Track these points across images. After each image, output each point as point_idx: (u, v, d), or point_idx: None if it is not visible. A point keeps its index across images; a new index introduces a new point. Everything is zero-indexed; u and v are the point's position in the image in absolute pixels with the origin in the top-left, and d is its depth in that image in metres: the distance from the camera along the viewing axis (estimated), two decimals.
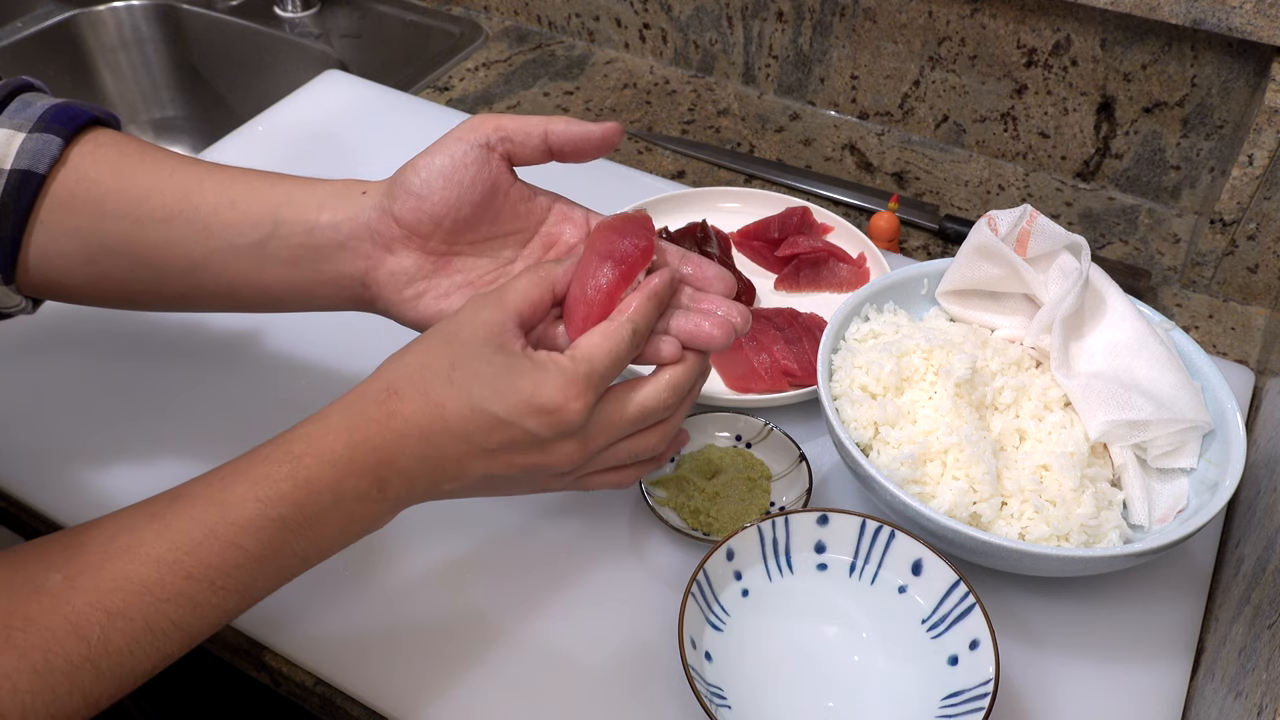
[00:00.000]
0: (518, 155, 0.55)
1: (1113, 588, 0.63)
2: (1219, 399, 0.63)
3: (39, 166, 0.54)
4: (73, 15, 1.22)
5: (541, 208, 0.57)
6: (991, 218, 0.68)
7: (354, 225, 0.55)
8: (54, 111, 0.55)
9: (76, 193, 0.54)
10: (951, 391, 0.62)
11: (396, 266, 0.55)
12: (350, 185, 0.56)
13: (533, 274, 0.52)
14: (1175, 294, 0.88)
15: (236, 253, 0.55)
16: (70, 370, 0.74)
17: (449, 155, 0.54)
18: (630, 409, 0.51)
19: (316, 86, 1.04)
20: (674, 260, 0.55)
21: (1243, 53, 0.84)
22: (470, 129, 0.54)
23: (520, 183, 0.56)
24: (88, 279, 0.56)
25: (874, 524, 0.58)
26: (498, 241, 0.57)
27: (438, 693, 0.57)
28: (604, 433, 0.51)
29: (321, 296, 0.57)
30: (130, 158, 0.56)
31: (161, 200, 0.55)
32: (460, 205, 0.54)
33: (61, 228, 0.55)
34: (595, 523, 0.65)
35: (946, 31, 0.95)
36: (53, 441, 0.69)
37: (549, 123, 0.55)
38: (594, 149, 0.55)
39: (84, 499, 0.66)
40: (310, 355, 0.76)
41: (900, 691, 0.56)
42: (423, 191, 0.54)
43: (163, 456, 0.68)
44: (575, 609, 0.61)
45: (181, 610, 0.44)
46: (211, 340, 0.76)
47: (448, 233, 0.55)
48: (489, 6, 1.21)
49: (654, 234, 0.54)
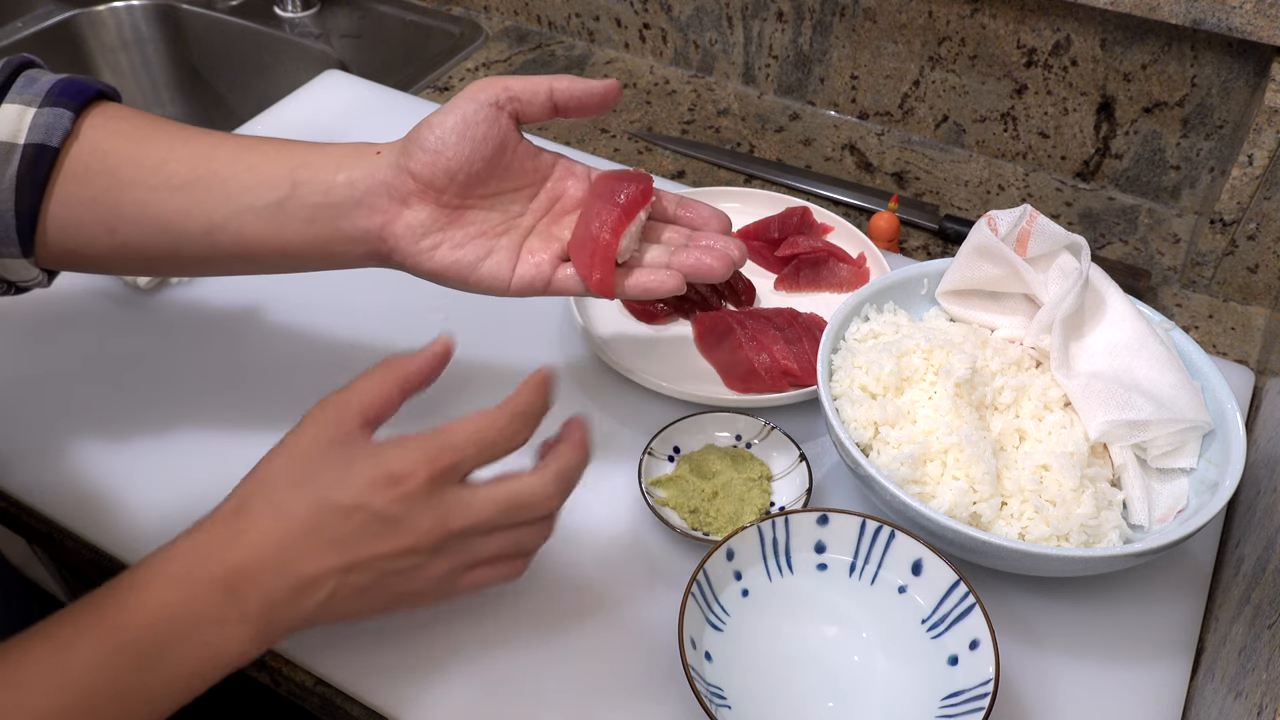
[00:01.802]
0: (525, 113, 0.58)
1: (1113, 588, 0.63)
2: (1219, 399, 0.63)
3: (52, 140, 0.54)
4: (73, 15, 1.22)
5: (546, 164, 0.60)
6: (991, 218, 0.68)
7: (370, 182, 0.56)
8: (61, 86, 0.56)
9: (91, 164, 0.55)
10: (951, 391, 0.62)
11: (413, 219, 0.57)
12: (363, 147, 0.58)
13: (380, 369, 0.51)
14: (1175, 294, 0.88)
15: (255, 214, 0.56)
16: (70, 369, 0.74)
17: (460, 113, 0.56)
18: (500, 493, 0.49)
19: (316, 86, 1.04)
20: (671, 205, 0.61)
21: (1243, 53, 0.84)
22: (480, 89, 0.57)
23: (526, 140, 0.59)
24: (107, 248, 0.57)
25: (874, 524, 0.58)
26: (507, 196, 0.59)
27: (438, 693, 0.57)
28: (466, 513, 0.48)
29: (340, 254, 0.58)
30: (142, 128, 0.57)
31: (177, 167, 0.56)
32: (472, 160, 0.56)
33: (78, 199, 0.55)
34: (595, 523, 0.65)
35: (946, 31, 0.95)
36: (52, 440, 0.69)
37: (553, 80, 0.58)
38: (596, 105, 0.58)
39: (83, 498, 0.66)
40: (312, 348, 0.76)
41: (900, 691, 0.56)
42: (437, 147, 0.56)
43: (163, 456, 0.68)
44: (575, 609, 0.61)
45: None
46: (214, 332, 0.76)
47: (461, 186, 0.57)
48: (489, 6, 1.21)
49: (650, 181, 0.59)
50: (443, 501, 0.48)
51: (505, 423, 0.49)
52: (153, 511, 0.65)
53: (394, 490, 0.47)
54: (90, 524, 0.65)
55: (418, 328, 0.74)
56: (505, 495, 0.49)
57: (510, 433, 0.49)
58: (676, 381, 0.71)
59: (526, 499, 0.50)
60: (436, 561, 0.49)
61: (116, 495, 0.66)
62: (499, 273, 0.58)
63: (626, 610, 0.61)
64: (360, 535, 0.47)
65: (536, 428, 0.51)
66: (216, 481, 0.66)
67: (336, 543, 0.47)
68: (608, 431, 0.71)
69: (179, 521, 0.63)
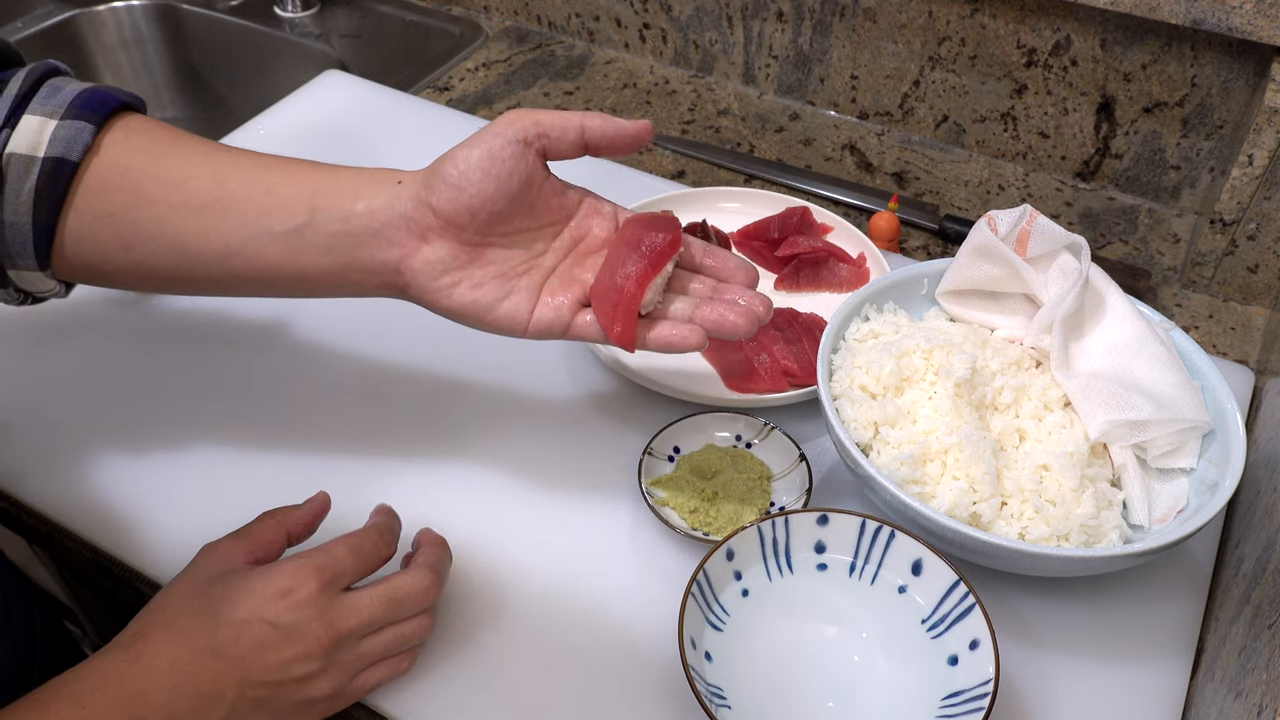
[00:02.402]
0: (553, 150, 0.56)
1: (1113, 588, 0.63)
2: (1219, 399, 0.63)
3: (72, 154, 0.54)
4: (73, 15, 1.22)
5: (572, 202, 0.58)
6: (991, 218, 0.68)
7: (390, 214, 0.55)
8: (84, 97, 0.55)
9: (111, 179, 0.55)
10: (951, 391, 0.62)
11: (432, 255, 0.55)
12: (385, 174, 0.57)
13: (266, 517, 0.56)
14: (1175, 294, 0.88)
15: (273, 239, 0.55)
16: (75, 374, 0.74)
17: (486, 148, 0.54)
18: (381, 590, 0.53)
19: (316, 86, 1.04)
20: (698, 253, 0.58)
21: (1243, 53, 0.84)
22: (508, 123, 0.55)
23: (554, 177, 0.57)
24: (123, 265, 0.57)
25: (874, 524, 0.58)
26: (530, 234, 0.57)
27: (438, 693, 0.57)
28: (353, 613, 0.52)
29: (355, 283, 0.57)
30: (163, 144, 0.57)
31: (197, 186, 0.55)
32: (496, 198, 0.55)
33: (96, 214, 0.55)
34: (595, 523, 0.65)
35: (946, 31, 0.95)
36: (52, 440, 0.69)
37: (585, 118, 0.55)
38: (627, 145, 0.56)
39: (81, 497, 0.66)
40: (320, 359, 0.76)
41: (900, 691, 0.56)
42: (460, 183, 0.54)
43: (161, 453, 0.68)
44: (576, 609, 0.61)
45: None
46: (221, 340, 0.77)
47: (483, 224, 0.55)
48: (489, 6, 1.21)
49: (680, 229, 0.56)
50: (331, 605, 0.51)
51: (375, 536, 0.55)
52: (157, 515, 0.65)
53: (286, 600, 0.50)
54: (94, 527, 0.65)
55: (430, 339, 0.75)
56: (386, 591, 0.53)
57: (381, 544, 0.55)
58: (676, 381, 0.71)
59: (407, 590, 0.54)
60: (330, 671, 0.52)
61: (120, 499, 0.66)
62: (517, 315, 0.56)
63: (627, 610, 0.61)
64: (255, 648, 0.49)
65: (397, 542, 0.57)
66: (220, 487, 0.67)
67: (233, 659, 0.49)
68: (608, 431, 0.71)
69: (181, 524, 0.64)
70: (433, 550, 0.57)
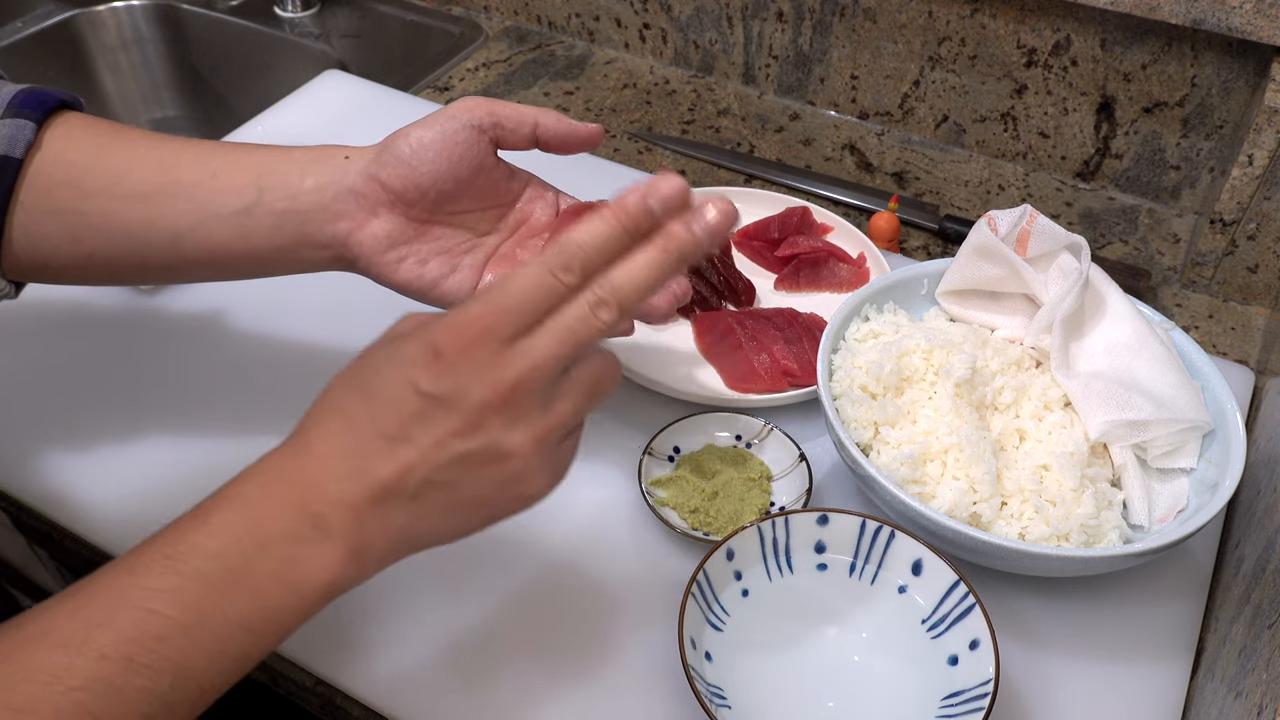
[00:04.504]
0: (505, 141, 0.58)
1: (1113, 588, 0.63)
2: (1219, 399, 0.63)
3: (15, 151, 0.54)
4: (73, 15, 1.22)
5: (519, 186, 0.61)
6: (991, 218, 0.68)
7: (338, 189, 0.56)
8: (23, 96, 0.55)
9: (55, 175, 0.55)
10: (951, 391, 0.62)
11: (379, 229, 0.57)
12: (331, 150, 0.58)
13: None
14: (1175, 294, 0.88)
15: (221, 221, 0.56)
16: (71, 370, 0.74)
17: (440, 130, 0.56)
18: (556, 325, 0.41)
19: (316, 86, 1.04)
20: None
21: (1243, 53, 0.84)
22: (464, 109, 0.57)
23: (503, 163, 0.60)
24: (73, 258, 0.57)
25: (874, 524, 0.58)
26: (476, 215, 0.60)
27: (438, 693, 0.57)
28: (524, 359, 0.41)
29: (306, 259, 0.58)
30: (104, 137, 0.57)
31: (141, 175, 0.56)
32: (445, 179, 0.56)
33: (43, 210, 0.55)
34: (595, 523, 0.65)
35: (946, 31, 0.95)
36: (54, 441, 0.69)
37: (540, 115, 0.58)
38: (577, 145, 0.59)
39: (81, 496, 0.66)
40: (317, 349, 0.76)
41: (900, 691, 0.56)
42: (412, 161, 0.56)
43: (158, 452, 0.68)
44: (575, 609, 0.61)
45: (98, 698, 0.37)
46: (217, 334, 0.77)
47: (431, 203, 0.57)
48: (489, 6, 1.21)
49: None
50: (494, 359, 0.41)
51: (548, 274, 0.41)
52: (157, 513, 0.65)
53: (437, 365, 0.41)
54: (91, 524, 0.65)
55: None
56: (560, 324, 0.41)
57: (558, 273, 0.42)
58: (676, 381, 0.71)
59: (578, 315, 0.42)
60: (515, 434, 0.41)
61: (120, 498, 0.66)
62: (459, 292, 0.58)
63: (626, 610, 0.61)
64: (419, 422, 0.41)
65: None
66: (219, 481, 0.66)
67: (400, 437, 0.41)
68: (608, 431, 0.71)
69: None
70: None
